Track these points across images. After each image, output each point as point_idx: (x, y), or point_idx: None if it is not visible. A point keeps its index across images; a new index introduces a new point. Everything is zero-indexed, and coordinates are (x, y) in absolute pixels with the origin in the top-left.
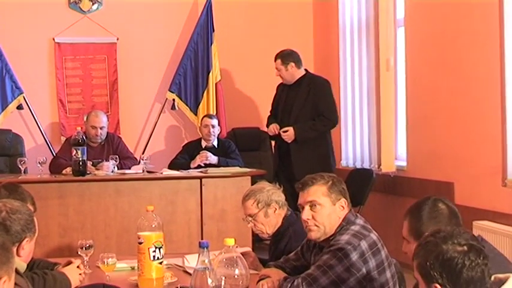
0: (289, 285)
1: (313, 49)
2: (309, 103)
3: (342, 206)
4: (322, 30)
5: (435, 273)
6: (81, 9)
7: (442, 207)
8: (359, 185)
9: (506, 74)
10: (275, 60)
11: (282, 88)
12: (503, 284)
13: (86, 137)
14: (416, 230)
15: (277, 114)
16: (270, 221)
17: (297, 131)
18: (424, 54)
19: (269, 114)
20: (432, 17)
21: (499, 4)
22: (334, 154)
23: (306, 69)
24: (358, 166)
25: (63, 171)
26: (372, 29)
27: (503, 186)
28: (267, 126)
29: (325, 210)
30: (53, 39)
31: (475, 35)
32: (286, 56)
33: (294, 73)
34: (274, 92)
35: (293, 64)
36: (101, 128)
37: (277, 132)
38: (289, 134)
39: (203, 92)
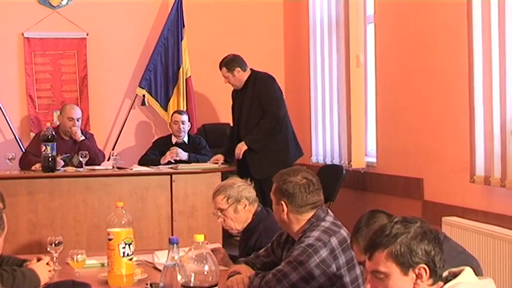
0: (259, 281)
1: (284, 46)
2: (255, 102)
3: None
4: (293, 27)
5: None
6: (50, 4)
7: (379, 214)
8: (329, 181)
9: (474, 71)
10: (220, 69)
11: (235, 94)
12: (456, 276)
13: (57, 133)
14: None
15: (235, 121)
16: (240, 217)
17: (248, 142)
18: (393, 51)
19: (231, 127)
20: (402, 14)
21: (467, 3)
22: (298, 146)
23: (251, 69)
24: (329, 162)
25: (33, 167)
26: (341, 25)
27: (471, 183)
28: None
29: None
30: (22, 34)
31: (444, 32)
32: (230, 62)
33: (241, 77)
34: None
35: (239, 69)
36: (77, 120)
37: (222, 161)
38: (239, 148)
39: (173, 88)
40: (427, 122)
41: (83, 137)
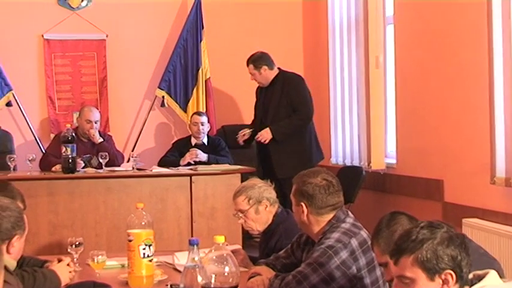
0: (279, 282)
1: (303, 47)
2: (283, 101)
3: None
4: (312, 28)
5: None
6: (70, 5)
7: (400, 216)
8: (349, 182)
9: (494, 71)
10: (247, 66)
11: (259, 91)
12: (481, 279)
13: (76, 134)
14: (385, 244)
15: (257, 120)
16: (261, 218)
17: (272, 129)
18: (413, 52)
19: (250, 125)
20: (421, 14)
21: (487, 2)
22: (319, 147)
23: (279, 68)
24: (348, 163)
25: (53, 169)
26: (361, 26)
27: (491, 184)
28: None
29: None
30: (42, 36)
31: (464, 32)
32: (258, 60)
33: (268, 75)
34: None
35: (265, 67)
36: (95, 122)
37: (246, 137)
38: (263, 134)
39: (193, 89)
40: (447, 123)
41: (101, 139)
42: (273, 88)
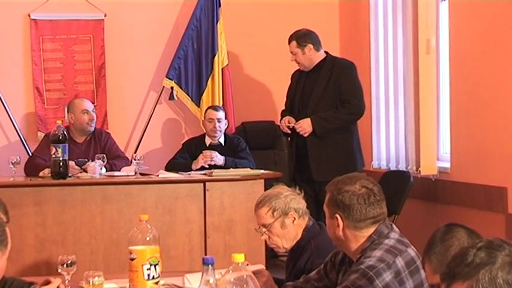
0: None
1: (339, 29)
2: (330, 90)
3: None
4: (350, 6)
5: None
6: None
7: (457, 228)
8: (394, 190)
9: None
10: (289, 43)
11: (298, 76)
12: None
13: (68, 133)
14: (438, 261)
15: (294, 108)
16: (288, 233)
17: (314, 121)
18: (471, 34)
19: (283, 108)
20: None
21: None
22: (361, 152)
23: (326, 52)
24: (393, 168)
25: (41, 173)
26: (409, 4)
27: None
28: (280, 121)
29: None
30: (29, 16)
31: None
32: (303, 37)
33: (313, 57)
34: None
35: (311, 46)
36: (93, 111)
37: (291, 126)
38: (304, 125)
39: (207, 79)
40: (511, 120)
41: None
42: (317, 75)
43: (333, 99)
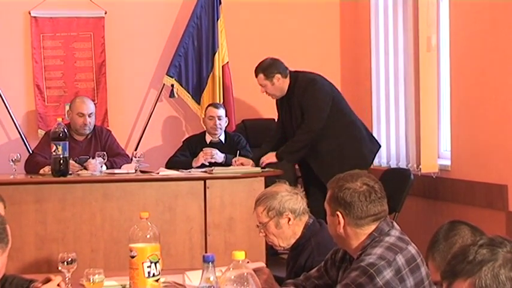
0: None
1: (340, 27)
2: (300, 110)
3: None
4: (350, 3)
5: None
6: None
7: (460, 226)
8: (394, 188)
9: None
10: (256, 76)
11: (280, 104)
12: None
13: (68, 130)
14: (441, 259)
15: (288, 130)
16: (283, 233)
17: (279, 155)
18: (472, 32)
19: (277, 119)
20: None
21: None
22: (373, 139)
23: (290, 72)
24: (393, 165)
25: (41, 171)
26: (409, 2)
27: None
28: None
29: None
30: (29, 13)
31: None
32: (269, 68)
33: (282, 85)
34: None
35: (279, 76)
36: (89, 116)
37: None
38: (268, 158)
39: (208, 77)
40: None
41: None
42: (290, 99)
43: None
